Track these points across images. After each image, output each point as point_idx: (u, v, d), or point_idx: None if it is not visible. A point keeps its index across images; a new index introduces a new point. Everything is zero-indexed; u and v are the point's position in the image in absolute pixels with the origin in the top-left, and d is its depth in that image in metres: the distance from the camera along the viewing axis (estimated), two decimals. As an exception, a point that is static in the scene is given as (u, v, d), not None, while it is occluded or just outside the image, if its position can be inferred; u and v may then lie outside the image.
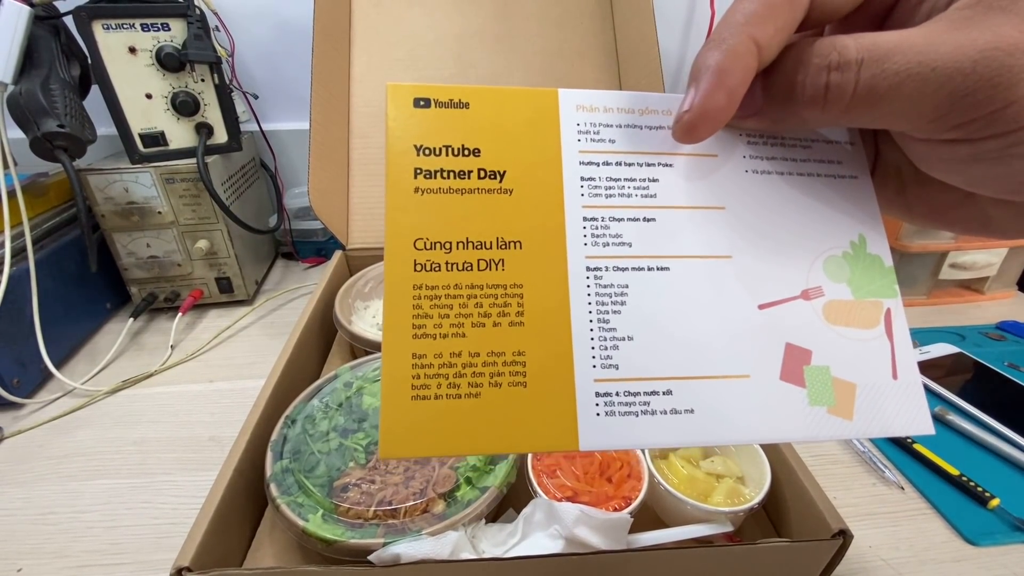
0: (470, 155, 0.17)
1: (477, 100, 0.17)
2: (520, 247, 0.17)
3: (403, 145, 0.17)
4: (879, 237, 0.18)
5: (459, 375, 0.16)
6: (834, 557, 0.29)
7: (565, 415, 0.16)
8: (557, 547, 0.29)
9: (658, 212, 0.18)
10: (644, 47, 0.65)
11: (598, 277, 0.17)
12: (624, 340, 0.16)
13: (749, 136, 0.18)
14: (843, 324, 0.17)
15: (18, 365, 0.50)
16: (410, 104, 0.17)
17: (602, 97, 0.18)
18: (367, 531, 0.31)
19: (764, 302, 0.17)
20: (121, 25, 0.53)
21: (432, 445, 0.15)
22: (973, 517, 0.38)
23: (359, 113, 0.68)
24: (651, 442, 0.16)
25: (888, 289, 0.18)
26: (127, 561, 0.36)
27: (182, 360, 0.57)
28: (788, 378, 0.17)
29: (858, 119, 0.15)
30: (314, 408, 0.40)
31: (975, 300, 0.66)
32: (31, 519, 0.39)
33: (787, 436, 0.16)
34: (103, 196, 0.58)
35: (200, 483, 0.39)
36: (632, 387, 0.16)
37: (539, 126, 0.18)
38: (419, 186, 0.17)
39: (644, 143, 0.18)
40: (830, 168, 0.18)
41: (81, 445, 0.46)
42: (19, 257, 0.51)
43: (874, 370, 0.17)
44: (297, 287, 0.72)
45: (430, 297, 0.16)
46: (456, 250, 0.17)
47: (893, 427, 0.16)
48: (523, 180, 0.17)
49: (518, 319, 0.16)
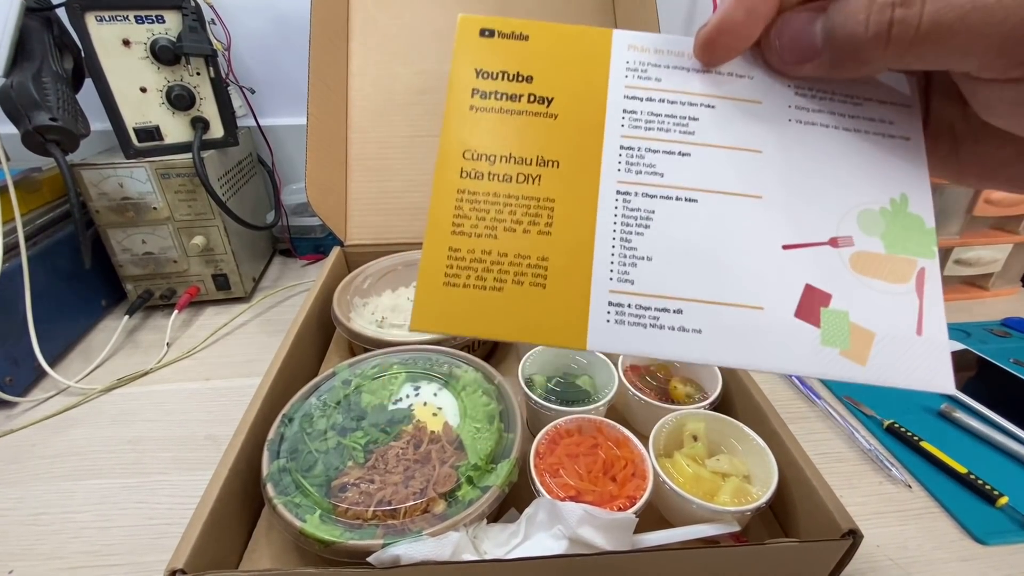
0: (523, 81, 0.19)
1: (537, 33, 0.19)
2: (557, 166, 0.18)
3: (465, 68, 0.19)
4: (923, 198, 0.18)
5: (487, 270, 0.17)
6: (843, 557, 0.29)
7: (577, 317, 0.17)
8: (561, 548, 0.29)
9: (694, 148, 0.18)
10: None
11: (627, 201, 0.18)
12: (643, 259, 0.18)
13: (798, 88, 0.19)
14: (870, 275, 0.17)
15: (11, 363, 0.50)
16: (476, 33, 0.19)
17: (654, 39, 0.19)
18: (366, 532, 0.30)
19: (789, 243, 0.17)
20: (115, 17, 0.52)
21: (454, 324, 0.17)
22: (981, 516, 0.37)
23: (357, 107, 0.67)
24: (654, 352, 0.17)
25: (926, 249, 0.18)
26: (121, 563, 0.35)
27: (178, 358, 0.56)
28: (803, 316, 0.17)
29: (923, 57, 0.15)
30: (312, 406, 0.39)
31: (980, 296, 0.65)
32: (23, 519, 0.39)
33: (791, 368, 0.17)
34: (97, 191, 0.57)
35: (196, 483, 0.39)
36: (644, 302, 0.17)
37: (591, 60, 0.19)
38: (474, 104, 0.18)
39: (689, 84, 0.19)
40: (880, 127, 0.18)
41: (75, 444, 0.45)
42: (12, 253, 0.50)
43: (898, 322, 0.17)
44: (295, 284, 0.71)
45: (471, 200, 0.18)
46: (499, 163, 0.18)
47: (910, 380, 0.16)
48: (569, 107, 0.18)
49: (547, 229, 0.18)
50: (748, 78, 0.19)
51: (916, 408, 0.47)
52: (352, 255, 0.64)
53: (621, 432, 0.36)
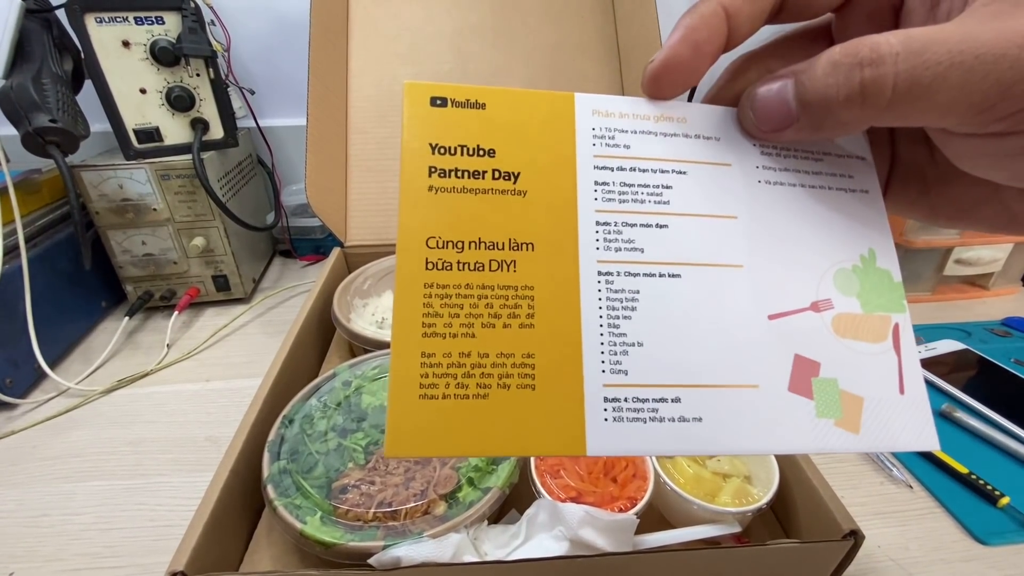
0: (485, 155, 0.17)
1: (494, 101, 0.17)
2: (532, 249, 0.17)
3: (418, 143, 0.17)
4: (888, 251, 0.18)
5: (468, 375, 0.16)
6: (844, 558, 0.29)
7: (573, 419, 0.16)
8: (562, 549, 0.29)
9: (671, 219, 0.17)
10: (646, 40, 0.64)
11: (609, 282, 0.17)
12: (634, 346, 0.16)
13: (763, 147, 0.18)
14: (852, 337, 0.17)
15: (11, 365, 0.50)
16: (427, 103, 0.17)
17: (618, 103, 0.18)
18: (367, 533, 0.30)
19: (774, 312, 0.17)
20: (114, 18, 0.52)
21: (438, 445, 0.15)
22: (983, 516, 0.37)
23: (357, 108, 0.67)
24: (659, 449, 0.16)
25: (896, 304, 0.17)
26: (122, 564, 0.35)
27: (178, 359, 0.56)
28: (796, 389, 0.16)
29: (901, 115, 0.14)
30: (312, 408, 0.39)
31: (980, 296, 0.65)
32: (24, 521, 0.39)
33: (793, 447, 0.16)
34: (97, 193, 0.57)
35: (196, 484, 0.39)
36: (641, 393, 0.16)
37: (554, 129, 0.18)
38: (433, 184, 0.17)
39: (658, 150, 0.18)
40: (841, 182, 0.18)
41: (75, 446, 0.45)
42: (12, 255, 0.50)
43: (881, 384, 0.17)
44: (295, 285, 0.71)
45: (441, 296, 0.16)
46: (468, 250, 0.16)
47: (899, 442, 0.16)
48: (537, 182, 0.17)
49: (528, 321, 0.16)
50: (715, 139, 0.18)
51: (917, 408, 0.47)
52: (352, 256, 0.64)
53: (622, 433, 0.36)
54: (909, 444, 0.16)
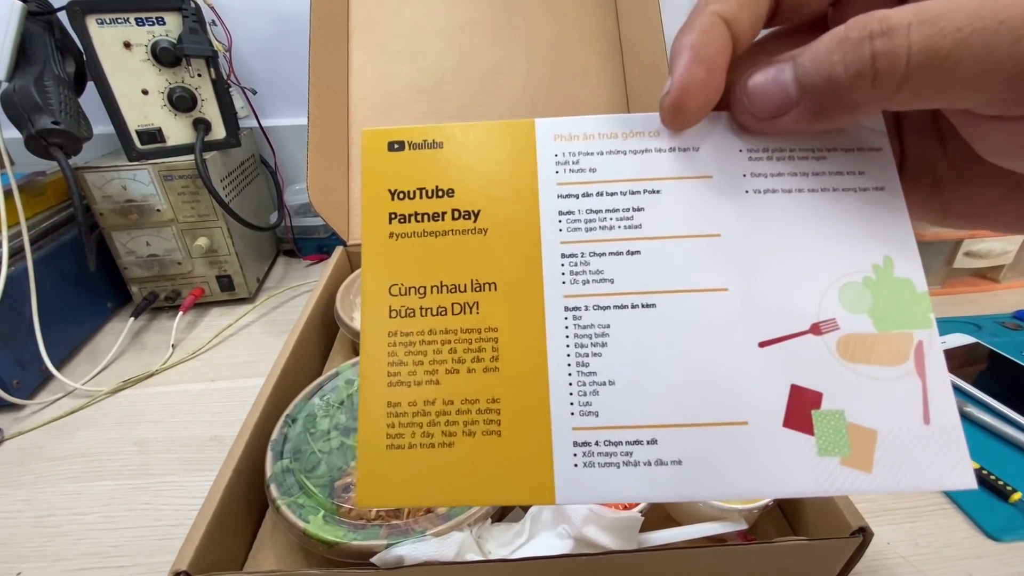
0: (444, 196, 0.17)
1: (451, 138, 0.17)
2: (495, 288, 0.16)
3: (378, 191, 0.17)
4: (910, 258, 0.15)
5: (433, 423, 0.15)
6: (853, 555, 0.28)
7: (541, 466, 0.15)
8: (566, 547, 0.28)
9: (643, 244, 0.16)
10: (648, 34, 0.64)
11: (577, 317, 0.16)
12: (604, 385, 0.15)
13: (751, 152, 0.16)
14: (862, 361, 0.15)
15: (18, 366, 0.50)
16: (384, 148, 0.17)
17: (581, 124, 0.17)
18: (370, 532, 0.30)
19: (765, 339, 0.15)
20: (115, 20, 0.52)
21: (408, 496, 0.15)
22: (994, 512, 0.37)
23: (358, 107, 0.67)
24: (633, 496, 0.15)
25: (920, 318, 0.15)
26: (128, 564, 0.35)
27: (183, 359, 0.57)
28: (793, 424, 0.15)
29: (918, 93, 0.13)
30: (315, 406, 0.39)
31: (991, 289, 0.64)
32: (31, 521, 0.39)
33: (791, 491, 0.15)
34: (101, 194, 0.57)
35: (202, 484, 0.39)
36: (613, 436, 0.15)
37: (515, 160, 0.17)
38: (394, 231, 0.17)
39: (628, 170, 0.17)
40: (850, 180, 0.16)
41: (81, 446, 0.46)
42: (17, 257, 0.51)
43: (900, 413, 0.15)
44: (299, 284, 0.71)
45: (404, 344, 0.16)
46: (430, 294, 0.16)
47: (925, 481, 0.14)
48: (498, 218, 0.16)
49: (493, 364, 0.16)
50: (693, 150, 0.16)
51: (926, 403, 0.46)
52: (355, 254, 0.64)
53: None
54: (938, 483, 0.14)
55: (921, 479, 0.14)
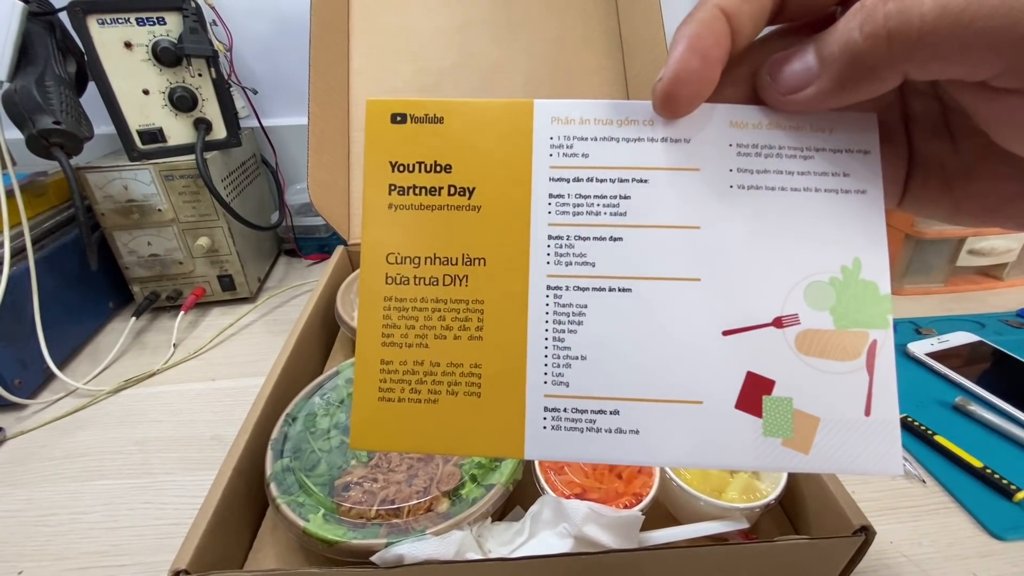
0: (442, 171, 0.17)
1: (452, 114, 0.18)
2: (484, 264, 0.17)
3: (379, 162, 0.18)
4: (878, 261, 0.16)
5: (420, 382, 0.17)
6: (855, 554, 0.28)
7: (514, 425, 0.17)
8: (566, 546, 0.28)
9: (626, 231, 0.17)
10: (649, 32, 0.64)
11: (558, 296, 0.17)
12: (577, 359, 0.17)
13: (740, 147, 0.17)
14: (816, 355, 0.16)
15: (20, 366, 0.50)
16: (387, 120, 0.18)
17: (579, 108, 0.18)
18: (369, 531, 0.30)
19: (729, 328, 0.17)
20: (116, 20, 0.52)
21: (393, 441, 0.17)
22: (998, 510, 0.36)
23: (359, 106, 0.67)
24: (592, 457, 0.17)
25: (878, 319, 0.16)
26: (129, 563, 0.35)
27: (185, 359, 0.57)
28: (744, 407, 0.16)
29: (935, 55, 0.13)
30: (315, 405, 0.39)
31: (994, 287, 0.64)
32: (33, 521, 0.39)
33: (732, 464, 0.17)
34: (102, 194, 0.57)
35: (203, 483, 0.38)
36: (580, 404, 0.17)
37: (512, 140, 0.18)
38: (392, 202, 0.17)
39: (620, 157, 0.17)
40: (833, 182, 0.17)
41: (83, 445, 0.46)
42: (19, 257, 0.51)
43: (844, 405, 0.16)
44: (300, 284, 0.71)
45: (399, 309, 0.17)
46: (424, 265, 0.17)
47: (854, 464, 0.16)
48: (491, 197, 0.17)
49: (477, 334, 0.17)
50: (684, 141, 0.17)
51: (930, 402, 0.46)
52: (356, 254, 0.64)
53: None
54: (867, 467, 0.16)
55: (852, 463, 0.16)
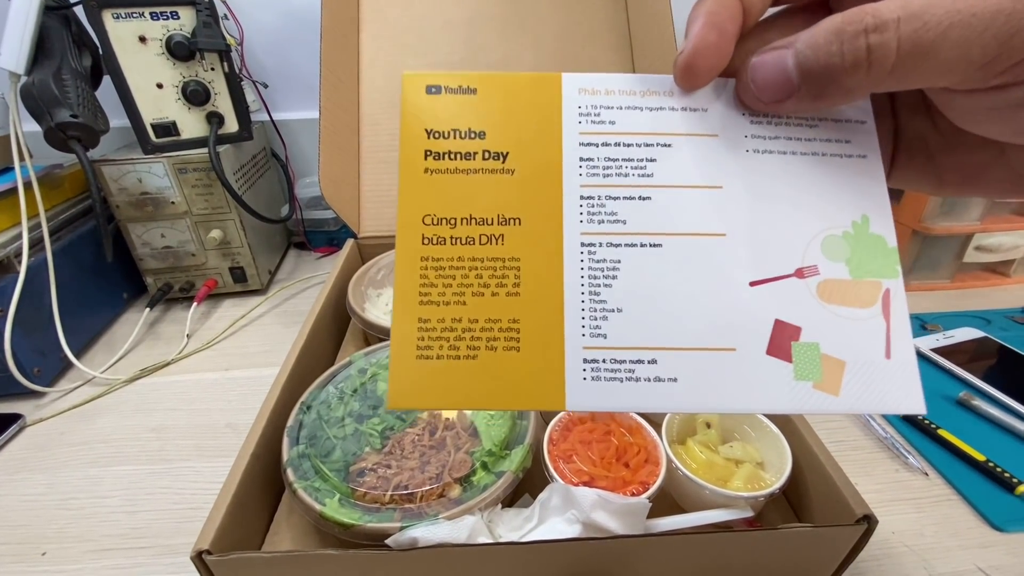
0: (476, 137, 0.18)
1: (484, 86, 0.19)
2: (519, 223, 0.18)
3: (416, 129, 0.18)
4: (884, 217, 0.18)
5: (459, 339, 0.17)
6: (858, 543, 0.29)
7: (554, 378, 0.17)
8: (574, 532, 0.29)
9: (654, 191, 0.18)
10: (658, 26, 0.64)
11: (592, 252, 0.18)
12: (613, 312, 0.17)
13: (752, 116, 0.18)
14: (837, 303, 0.17)
15: (39, 354, 0.51)
16: (423, 91, 0.18)
17: (604, 80, 0.19)
18: (384, 515, 0.31)
19: (756, 279, 0.17)
20: (131, 14, 0.53)
21: (433, 399, 0.17)
22: (999, 503, 0.37)
23: (369, 100, 0.67)
24: (634, 406, 0.17)
25: (889, 269, 0.18)
26: (148, 545, 0.37)
27: (198, 349, 0.58)
28: (775, 352, 0.17)
29: (905, 77, 0.15)
30: (329, 394, 0.40)
31: (1001, 283, 0.64)
32: (54, 504, 0.40)
33: (769, 408, 0.17)
34: (117, 187, 0.58)
35: (218, 469, 0.40)
36: (618, 355, 0.17)
37: (542, 109, 0.19)
38: (429, 167, 0.18)
39: (644, 124, 0.18)
40: (837, 147, 0.18)
41: (101, 432, 0.47)
42: (37, 248, 0.52)
43: (866, 348, 0.17)
44: (310, 276, 0.72)
45: (436, 268, 0.18)
46: (460, 226, 0.18)
47: (882, 404, 0.17)
48: (524, 161, 0.18)
49: (515, 290, 0.18)
50: (702, 111, 0.18)
51: (934, 396, 0.46)
52: (366, 247, 0.65)
53: (634, 419, 0.36)
54: (893, 406, 0.17)
55: (880, 403, 0.17)
